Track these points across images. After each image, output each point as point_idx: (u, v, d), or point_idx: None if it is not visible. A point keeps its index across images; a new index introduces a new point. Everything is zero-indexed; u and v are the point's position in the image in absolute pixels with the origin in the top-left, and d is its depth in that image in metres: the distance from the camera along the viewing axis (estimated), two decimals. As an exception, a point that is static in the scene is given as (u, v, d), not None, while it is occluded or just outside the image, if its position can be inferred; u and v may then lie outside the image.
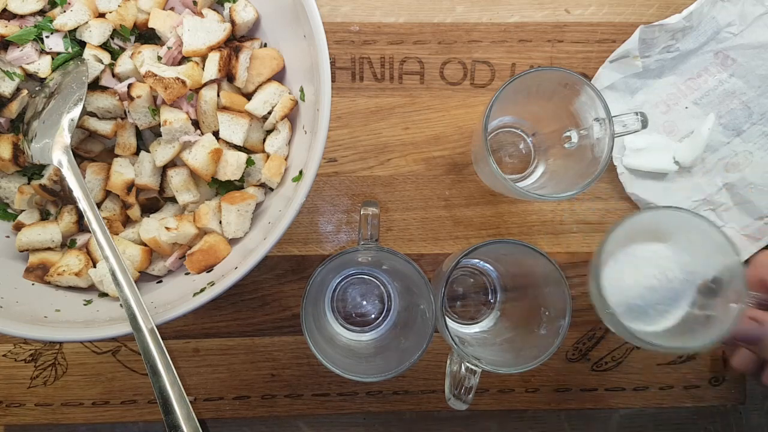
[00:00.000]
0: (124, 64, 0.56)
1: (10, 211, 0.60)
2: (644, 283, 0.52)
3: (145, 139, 0.59)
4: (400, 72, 0.67)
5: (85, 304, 0.55)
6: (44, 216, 0.59)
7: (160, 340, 0.48)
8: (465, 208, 0.68)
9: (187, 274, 0.56)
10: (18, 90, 0.56)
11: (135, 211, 0.58)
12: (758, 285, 0.51)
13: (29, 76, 0.56)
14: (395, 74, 0.67)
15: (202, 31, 0.55)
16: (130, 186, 0.57)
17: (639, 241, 0.53)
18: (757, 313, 0.49)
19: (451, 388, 0.55)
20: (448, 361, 0.57)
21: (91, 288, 0.57)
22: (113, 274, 0.49)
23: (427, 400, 0.69)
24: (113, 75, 0.57)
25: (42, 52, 0.56)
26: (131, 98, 0.54)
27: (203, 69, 0.56)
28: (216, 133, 0.57)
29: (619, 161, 0.67)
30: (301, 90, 0.57)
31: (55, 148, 0.52)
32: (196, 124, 0.58)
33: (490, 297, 0.68)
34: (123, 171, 0.57)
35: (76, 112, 0.53)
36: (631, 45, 0.64)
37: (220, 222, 0.57)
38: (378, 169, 0.67)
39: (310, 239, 0.67)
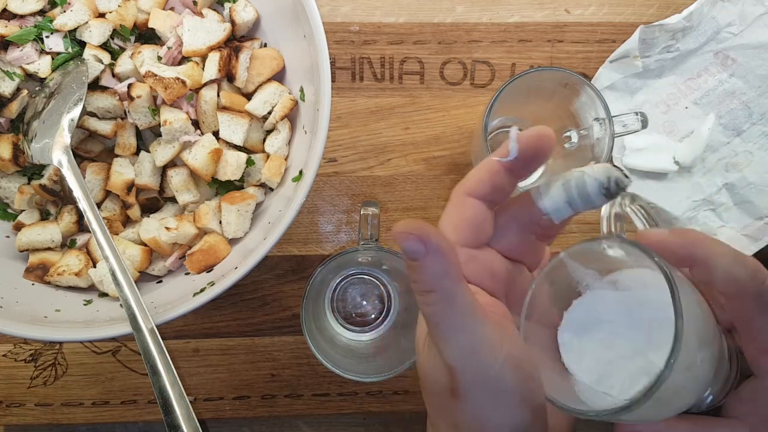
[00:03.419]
0: (124, 64, 0.56)
1: (10, 211, 0.60)
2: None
3: (145, 139, 0.59)
4: (400, 72, 0.67)
5: (85, 304, 0.55)
6: (44, 216, 0.59)
7: (160, 340, 0.48)
8: (465, 208, 0.67)
9: (187, 274, 0.56)
10: (18, 90, 0.56)
11: (135, 211, 0.58)
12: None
13: (29, 76, 0.56)
14: (395, 74, 0.67)
15: (202, 31, 0.55)
16: (130, 186, 0.57)
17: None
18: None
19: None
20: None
21: (91, 288, 0.57)
22: (113, 274, 0.49)
23: (427, 400, 0.69)
24: (113, 75, 0.57)
25: (42, 52, 0.56)
26: (131, 98, 0.54)
27: (203, 69, 0.56)
28: (216, 133, 0.57)
29: (619, 161, 0.67)
30: (301, 90, 0.57)
31: (55, 148, 0.52)
32: (196, 124, 0.57)
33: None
34: (123, 171, 0.57)
35: (76, 112, 0.53)
36: (631, 45, 0.64)
37: (220, 222, 0.57)
38: (378, 169, 0.67)
39: (310, 239, 0.67)
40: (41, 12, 0.56)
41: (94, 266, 0.56)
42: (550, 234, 0.34)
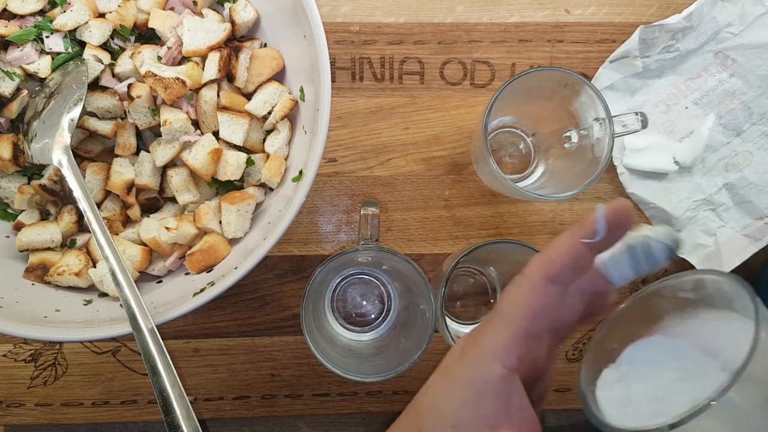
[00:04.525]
0: (124, 64, 0.56)
1: (10, 211, 0.60)
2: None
3: (145, 139, 0.59)
4: (400, 72, 0.67)
5: (85, 304, 0.55)
6: (44, 216, 0.59)
7: (160, 340, 0.48)
8: (465, 208, 0.68)
9: (187, 274, 0.56)
10: (18, 90, 0.56)
11: (135, 211, 0.58)
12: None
13: (29, 76, 0.56)
14: (395, 74, 0.67)
15: (202, 31, 0.55)
16: (130, 186, 0.57)
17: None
18: None
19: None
20: (448, 361, 0.57)
21: (91, 288, 0.57)
22: (113, 274, 0.49)
23: (427, 400, 0.69)
24: (113, 75, 0.57)
25: (42, 52, 0.56)
26: (131, 98, 0.54)
27: (203, 69, 0.56)
28: (216, 133, 0.57)
29: (619, 161, 0.67)
30: (301, 90, 0.57)
31: (55, 148, 0.52)
32: (196, 124, 0.57)
33: (490, 297, 0.68)
34: (123, 171, 0.57)
35: (76, 112, 0.53)
36: (631, 45, 0.64)
37: (220, 222, 0.57)
38: (378, 169, 0.67)
39: (310, 239, 0.67)
40: (41, 12, 0.56)
41: (94, 266, 0.56)
42: (606, 299, 0.36)
